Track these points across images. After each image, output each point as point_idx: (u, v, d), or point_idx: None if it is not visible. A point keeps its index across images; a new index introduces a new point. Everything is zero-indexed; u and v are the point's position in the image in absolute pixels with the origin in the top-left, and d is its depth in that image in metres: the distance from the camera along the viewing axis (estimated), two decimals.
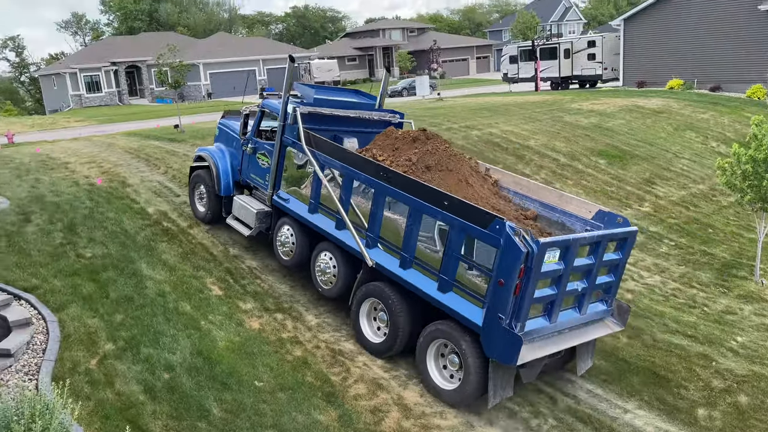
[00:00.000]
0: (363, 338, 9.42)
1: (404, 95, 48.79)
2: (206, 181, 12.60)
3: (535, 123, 23.10)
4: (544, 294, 7.56)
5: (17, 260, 10.58)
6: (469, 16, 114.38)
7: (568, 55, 39.13)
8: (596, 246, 7.97)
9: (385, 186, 8.66)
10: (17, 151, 19.70)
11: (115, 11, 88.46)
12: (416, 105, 30.89)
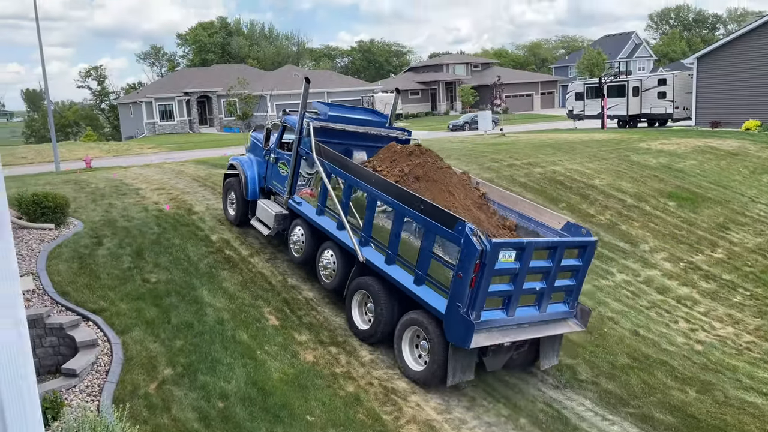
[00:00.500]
0: (353, 325, 10.57)
1: (466, 129, 48.78)
2: (236, 187, 13.97)
3: (601, 162, 22.57)
4: (500, 289, 8.61)
5: (88, 282, 11.00)
6: (534, 51, 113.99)
7: (637, 93, 38.28)
8: (554, 251, 8.98)
9: (375, 191, 9.90)
10: (94, 176, 20.69)
11: (190, 44, 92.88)
12: (478, 140, 30.78)
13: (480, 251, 8.10)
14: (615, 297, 13.61)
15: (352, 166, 10.60)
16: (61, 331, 9.20)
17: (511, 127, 44.31)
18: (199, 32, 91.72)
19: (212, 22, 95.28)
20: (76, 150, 40.03)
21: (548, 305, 9.36)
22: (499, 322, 8.74)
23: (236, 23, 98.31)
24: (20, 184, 18.51)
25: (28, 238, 12.53)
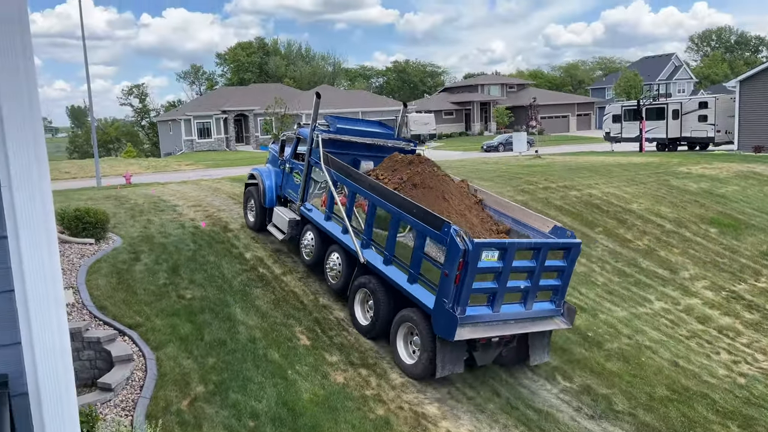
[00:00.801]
0: (355, 321, 11.30)
1: (500, 150, 48.55)
2: (255, 195, 14.95)
3: (639, 186, 22.18)
4: (484, 286, 9.17)
5: (125, 297, 11.20)
6: (571, 72, 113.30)
7: (676, 116, 37.62)
8: (537, 252, 9.48)
9: (373, 197, 10.61)
10: (133, 192, 21.17)
11: (229, 63, 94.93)
12: (512, 161, 30.59)
13: (463, 250, 8.74)
14: (653, 325, 13.27)
15: (355, 174, 11.31)
16: (98, 345, 9.36)
17: (546, 148, 43.95)
18: (238, 52, 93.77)
19: (251, 43, 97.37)
20: (117, 166, 41.09)
21: (534, 303, 9.85)
22: (485, 318, 9.31)
23: (274, 43, 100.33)
24: (63, 199, 19.04)
25: (69, 253, 12.84)
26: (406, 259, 9.94)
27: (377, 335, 10.87)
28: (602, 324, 12.92)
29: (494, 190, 20.31)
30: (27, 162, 2.15)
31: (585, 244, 16.74)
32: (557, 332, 12.15)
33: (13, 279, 2.15)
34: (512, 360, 10.57)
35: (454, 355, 9.50)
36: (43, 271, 2.16)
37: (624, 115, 41.02)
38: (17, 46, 2.12)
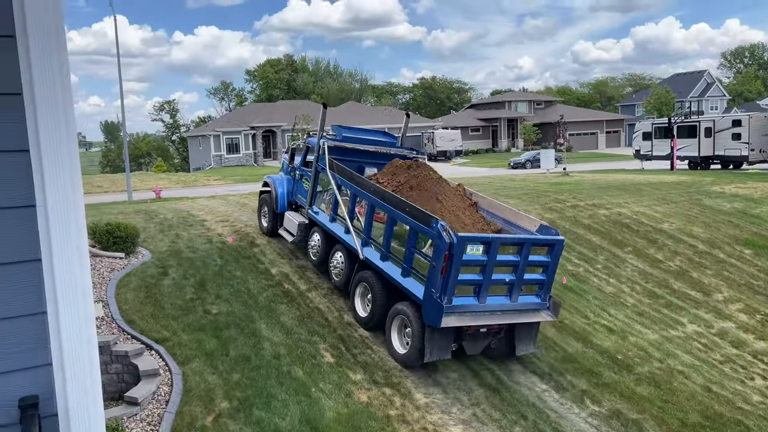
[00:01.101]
0: (356, 313, 12.04)
1: (528, 167, 48.22)
2: (268, 202, 15.81)
3: (670, 205, 21.80)
4: (470, 278, 9.83)
5: (153, 311, 11.32)
6: (600, 89, 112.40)
7: (709, 134, 36.96)
8: (521, 247, 10.12)
9: (372, 197, 11.40)
10: (163, 207, 21.48)
11: (257, 80, 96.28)
12: (540, 179, 30.35)
13: (449, 243, 9.45)
14: (686, 349, 12.96)
15: (356, 178, 12.16)
16: (125, 358, 9.46)
17: (574, 165, 43.55)
18: (267, 69, 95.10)
19: (279, 60, 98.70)
20: (147, 180, 41.80)
21: (519, 296, 10.47)
22: (471, 308, 10.01)
23: (302, 60, 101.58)
24: (95, 213, 19.40)
25: (100, 266, 13.04)
26: (400, 255, 10.74)
27: (374, 326, 11.68)
28: (632, 347, 12.66)
29: (521, 207, 20.15)
30: (62, 183, 2.18)
31: (615, 264, 16.50)
32: (585, 354, 11.94)
33: (46, 301, 2.17)
34: (501, 352, 11.18)
35: (442, 342, 10.16)
36: (75, 291, 2.19)
37: (654, 132, 40.46)
38: (54, 65, 2.16)
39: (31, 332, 2.15)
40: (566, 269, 15.84)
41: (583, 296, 14.61)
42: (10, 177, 2.12)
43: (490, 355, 11.24)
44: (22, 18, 2.06)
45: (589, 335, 12.85)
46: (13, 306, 2.13)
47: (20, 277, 2.14)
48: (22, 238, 2.13)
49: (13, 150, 2.11)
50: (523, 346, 10.98)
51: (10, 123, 2.11)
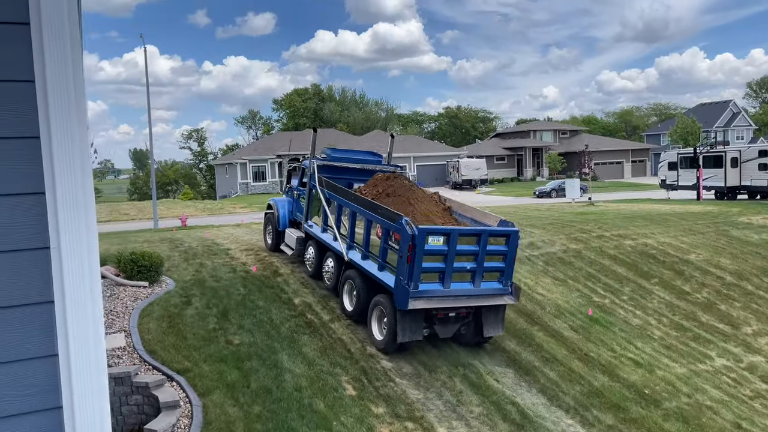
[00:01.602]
0: (343, 307, 13.48)
1: (553, 196, 47.89)
2: (272, 221, 17.47)
3: (697, 236, 21.40)
4: (433, 266, 11.15)
5: (175, 341, 11.37)
6: (625, 118, 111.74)
7: (735, 164, 36.39)
8: (479, 237, 11.47)
9: (352, 204, 13.07)
10: (188, 234, 21.73)
11: (285, 109, 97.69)
12: (565, 208, 30.09)
13: (411, 235, 10.78)
14: (714, 384, 12.58)
15: (340, 190, 13.87)
16: (146, 390, 9.48)
17: (600, 195, 43.13)
18: (294, 98, 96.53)
19: (306, 89, 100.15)
20: (174, 208, 42.39)
21: (482, 282, 11.72)
22: (437, 293, 11.30)
23: (329, 90, 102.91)
24: (121, 241, 19.69)
25: (124, 295, 13.18)
26: (377, 252, 12.16)
27: (358, 318, 13.03)
28: (660, 381, 12.33)
29: (546, 237, 19.97)
30: (77, 226, 2.22)
31: (641, 296, 16.18)
32: (611, 388, 11.67)
33: (58, 344, 2.19)
34: (471, 337, 12.48)
35: (413, 325, 11.51)
36: (87, 336, 2.20)
37: (680, 162, 39.97)
38: (72, 111, 2.20)
39: (42, 375, 2.16)
40: (592, 301, 15.59)
41: (609, 328, 14.33)
42: (26, 219, 2.16)
43: (462, 341, 12.65)
44: (42, 68, 2.13)
45: (615, 368, 12.56)
46: (24, 348, 2.15)
47: (33, 320, 2.16)
48: (36, 280, 2.16)
49: (30, 192, 2.16)
50: (491, 329, 12.21)
51: (26, 166, 2.16)
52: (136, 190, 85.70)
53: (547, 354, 12.78)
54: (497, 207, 32.77)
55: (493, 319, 12.20)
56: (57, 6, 2.09)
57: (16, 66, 2.12)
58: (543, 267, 17.44)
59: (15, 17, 2.08)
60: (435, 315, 11.72)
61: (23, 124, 2.14)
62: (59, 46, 2.12)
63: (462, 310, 11.88)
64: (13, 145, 2.13)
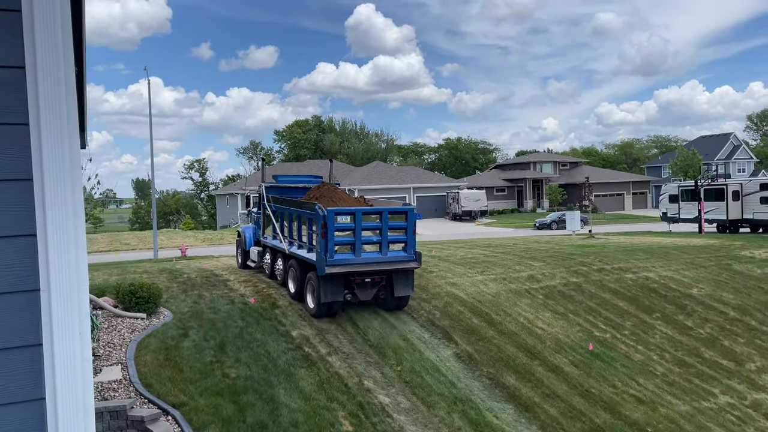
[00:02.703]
0: (290, 291, 16.25)
1: (553, 228, 47.86)
2: (240, 244, 20.71)
3: (699, 269, 21.32)
4: (343, 239, 14.04)
5: (171, 374, 11.24)
6: (626, 150, 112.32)
7: (737, 197, 36.44)
8: (380, 215, 14.37)
9: (288, 208, 16.31)
10: (187, 265, 21.66)
11: (286, 140, 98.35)
12: (565, 240, 30.04)
13: (323, 215, 13.81)
14: (718, 422, 12.38)
15: (281, 200, 17.19)
16: (141, 424, 9.34)
17: (600, 227, 43.11)
18: (295, 129, 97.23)
19: (307, 120, 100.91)
20: (174, 237, 42.35)
21: (389, 251, 14.47)
22: (350, 261, 14.13)
23: (329, 121, 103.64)
24: (121, 271, 19.63)
25: (121, 327, 13.08)
26: (306, 240, 15.00)
27: (299, 297, 15.70)
28: (662, 419, 12.15)
29: (546, 271, 19.89)
30: (67, 268, 2.21)
31: (642, 331, 16.04)
32: (613, 426, 11.51)
33: (45, 387, 2.16)
34: (389, 301, 15.32)
35: (333, 289, 14.36)
36: (76, 378, 2.17)
37: (681, 195, 40.04)
38: (65, 151, 2.21)
39: (28, 420, 2.12)
40: (593, 335, 15.45)
41: (610, 364, 14.17)
42: (18, 261, 2.15)
43: (384, 306, 15.51)
44: (36, 112, 2.15)
45: (617, 405, 12.39)
46: (12, 391, 2.12)
47: (21, 363, 2.13)
48: (25, 322, 2.14)
49: (22, 234, 2.15)
50: (401, 290, 15.04)
51: (19, 208, 2.16)
52: (138, 219, 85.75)
53: (547, 390, 12.62)
54: (496, 239, 32.75)
55: (403, 282, 15.04)
56: (53, 50, 2.11)
57: (11, 109, 2.13)
58: (543, 300, 17.33)
59: (10, 61, 2.11)
60: (353, 281, 14.61)
61: (17, 166, 2.14)
62: (54, 90, 2.14)
63: (375, 276, 14.69)
64: (6, 187, 2.13)
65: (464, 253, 23.87)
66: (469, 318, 15.62)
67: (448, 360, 13.48)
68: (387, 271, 14.68)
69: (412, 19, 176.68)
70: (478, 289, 17.74)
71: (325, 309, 14.56)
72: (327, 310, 14.64)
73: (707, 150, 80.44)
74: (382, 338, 14.05)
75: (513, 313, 16.12)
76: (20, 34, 2.10)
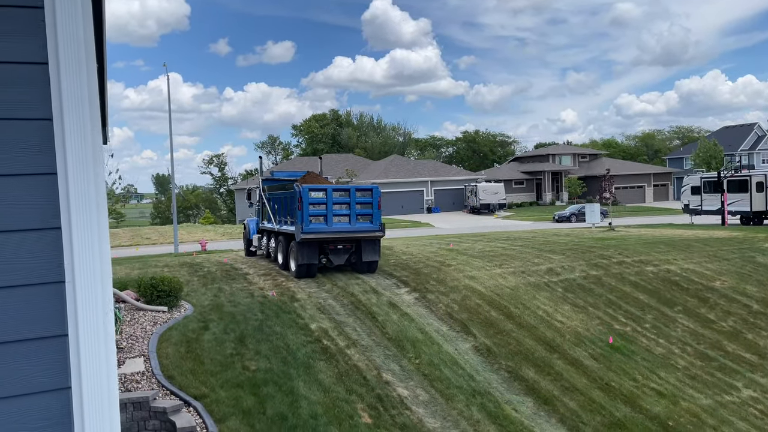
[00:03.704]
0: (278, 262, 19.20)
1: (572, 221, 47.51)
2: (246, 234, 23.16)
3: (722, 262, 21.03)
4: (317, 212, 16.76)
5: (192, 367, 11.38)
6: (647, 142, 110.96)
7: (761, 188, 35.82)
8: (349, 192, 17.24)
9: (277, 192, 19.48)
10: (207, 259, 21.88)
11: (303, 135, 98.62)
12: (585, 233, 29.80)
13: (299, 191, 16.68)
14: (741, 416, 12.24)
15: (272, 187, 20.53)
16: (163, 415, 9.48)
17: (620, 219, 42.70)
18: (312, 124, 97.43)
19: (324, 115, 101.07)
20: (194, 232, 42.76)
21: (357, 223, 17.18)
22: (323, 230, 16.92)
23: (347, 115, 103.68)
24: (142, 266, 19.88)
25: (143, 320, 13.27)
26: (291, 217, 17.43)
27: (285, 266, 18.51)
28: (684, 412, 12.04)
29: (566, 264, 19.77)
30: (91, 261, 2.25)
31: (664, 324, 15.89)
32: (633, 419, 11.44)
33: (71, 377, 2.21)
34: (359, 264, 18.05)
35: (309, 252, 17.21)
36: (100, 368, 2.22)
37: (704, 186, 39.48)
38: (88, 145, 2.25)
39: (55, 408, 2.18)
40: (613, 329, 15.34)
41: (630, 357, 14.07)
42: (45, 254, 2.20)
43: (356, 269, 18.29)
44: (59, 106, 2.19)
45: (637, 399, 12.30)
46: (40, 381, 2.18)
47: (48, 353, 2.19)
48: (51, 313, 2.19)
49: (47, 228, 2.20)
50: (369, 255, 17.81)
51: (44, 201, 2.21)
52: (159, 214, 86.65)
53: (566, 383, 12.57)
54: (515, 232, 32.59)
55: (371, 249, 17.82)
56: (75, 45, 2.15)
57: (35, 105, 2.17)
58: (562, 294, 17.24)
59: (33, 57, 2.15)
60: (327, 247, 17.43)
61: (41, 161, 2.19)
62: (77, 85, 2.17)
63: (346, 243, 17.50)
64: (32, 182, 2.18)
65: (482, 246, 23.80)
66: (488, 311, 15.59)
67: (467, 353, 13.48)
68: (356, 239, 17.47)
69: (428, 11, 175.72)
70: (496, 282, 17.69)
71: (303, 270, 17.30)
72: (306, 272, 17.35)
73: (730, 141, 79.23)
74: (401, 331, 14.08)
75: (532, 307, 16.06)
76: (43, 30, 2.14)
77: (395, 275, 18.31)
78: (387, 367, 12.44)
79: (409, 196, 62.69)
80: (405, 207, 61.90)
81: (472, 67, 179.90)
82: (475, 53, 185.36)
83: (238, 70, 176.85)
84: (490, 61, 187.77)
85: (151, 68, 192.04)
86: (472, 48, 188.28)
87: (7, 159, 2.13)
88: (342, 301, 15.75)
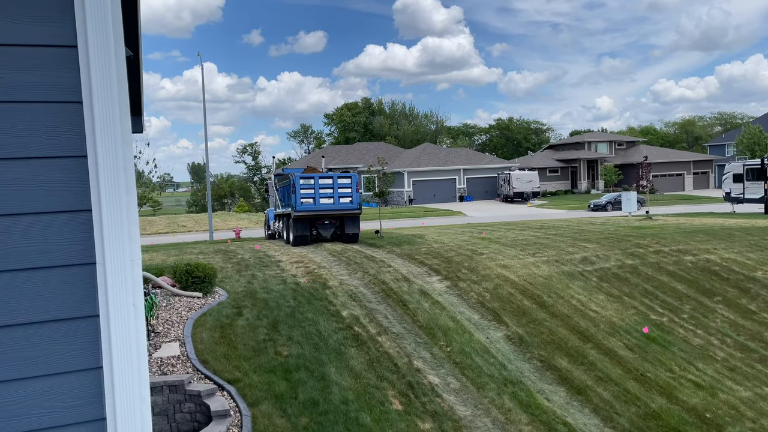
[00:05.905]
0: (282, 236, 24.15)
1: (608, 210, 46.70)
2: (266, 221, 27.62)
3: (764, 251, 20.43)
4: (307, 194, 21.30)
5: (226, 351, 11.57)
6: (687, 128, 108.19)
7: None
8: (333, 179, 21.64)
9: (280, 183, 24.67)
10: (241, 246, 22.17)
11: (336, 123, 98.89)
12: (621, 222, 29.27)
13: (293, 180, 21.00)
14: None
15: (280, 181, 24.55)
16: (198, 398, 9.66)
17: (658, 208, 41.80)
18: (344, 112, 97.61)
19: (356, 103, 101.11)
20: (229, 220, 43.36)
21: (339, 202, 21.42)
22: (311, 208, 21.24)
23: (379, 104, 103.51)
24: (178, 252, 20.24)
25: (179, 306, 13.52)
26: (289, 201, 21.51)
27: (288, 239, 22.60)
28: (722, 405, 11.77)
29: (601, 252, 19.46)
30: (121, 243, 2.28)
31: (702, 315, 15.54)
32: (670, 411, 11.23)
33: (102, 356, 2.24)
34: (343, 236, 22.36)
35: (302, 226, 21.73)
36: (130, 349, 2.25)
37: (747, 174, 38.35)
38: (117, 132, 2.27)
39: (87, 387, 2.22)
40: (649, 319, 15.06)
41: (667, 348, 13.80)
42: (74, 235, 2.24)
43: (341, 240, 22.39)
44: (89, 90, 2.21)
45: (674, 390, 12.07)
46: (72, 361, 2.22)
47: (80, 333, 2.23)
48: (83, 295, 2.23)
49: (78, 210, 2.23)
50: (350, 228, 22.24)
51: (76, 185, 2.24)
52: (195, 202, 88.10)
53: (600, 373, 12.40)
54: (549, 221, 32.18)
55: (351, 223, 22.27)
56: (103, 29, 2.17)
57: (65, 88, 2.20)
58: (597, 283, 16.98)
59: (63, 40, 2.17)
60: (316, 222, 22.03)
61: (71, 144, 2.22)
62: (105, 69, 2.19)
63: (331, 219, 22.07)
64: (62, 164, 2.21)
65: (515, 235, 23.57)
66: (520, 300, 15.46)
67: (499, 342, 13.40)
68: (339, 216, 22.01)
69: None
70: (529, 271, 17.51)
71: (298, 240, 21.70)
72: (300, 242, 21.74)
73: None
74: (432, 319, 14.07)
75: (565, 296, 15.86)
76: (71, 13, 2.16)
77: (426, 263, 18.28)
78: (418, 354, 12.45)
79: (441, 185, 62.40)
80: (437, 195, 61.68)
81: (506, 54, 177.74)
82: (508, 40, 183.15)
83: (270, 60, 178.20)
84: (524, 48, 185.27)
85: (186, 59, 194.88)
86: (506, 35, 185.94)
87: (38, 142, 2.17)
88: (373, 289, 15.79)
